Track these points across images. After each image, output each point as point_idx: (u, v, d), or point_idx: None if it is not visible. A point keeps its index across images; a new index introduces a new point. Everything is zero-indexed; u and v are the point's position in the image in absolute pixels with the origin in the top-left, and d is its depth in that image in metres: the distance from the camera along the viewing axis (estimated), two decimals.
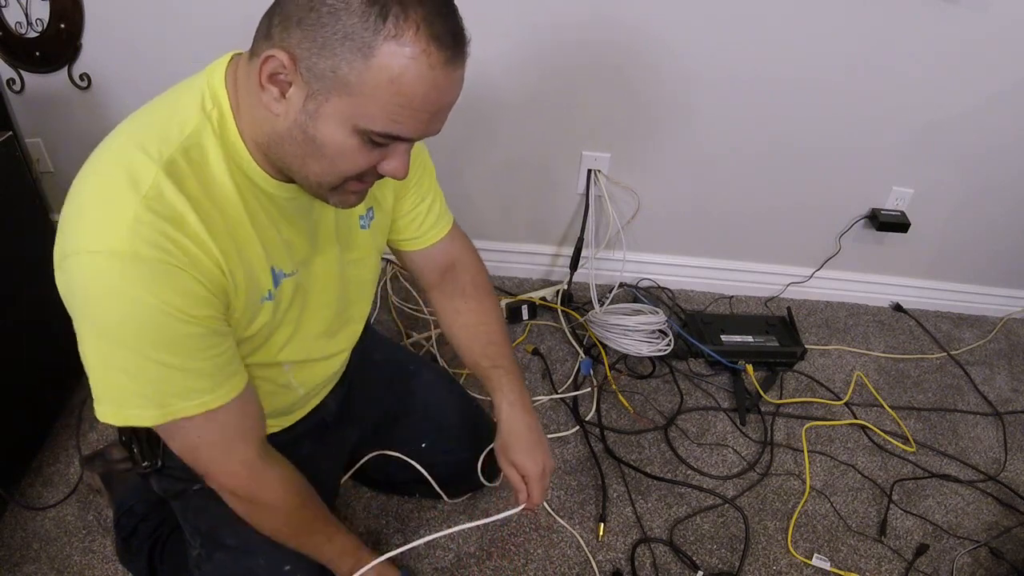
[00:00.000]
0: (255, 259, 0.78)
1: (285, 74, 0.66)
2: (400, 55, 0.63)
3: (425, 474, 1.21)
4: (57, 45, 1.59)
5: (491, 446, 1.23)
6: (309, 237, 0.86)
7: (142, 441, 0.95)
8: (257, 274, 0.78)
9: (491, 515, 1.07)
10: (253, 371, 0.91)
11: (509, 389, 1.04)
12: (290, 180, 0.77)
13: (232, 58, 0.75)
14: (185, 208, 0.69)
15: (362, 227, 0.95)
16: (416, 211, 1.03)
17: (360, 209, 0.94)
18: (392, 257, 1.22)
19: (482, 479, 1.25)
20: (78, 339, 0.72)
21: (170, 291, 0.68)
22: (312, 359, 0.96)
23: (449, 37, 0.66)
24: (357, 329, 1.04)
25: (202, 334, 0.72)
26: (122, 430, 1.00)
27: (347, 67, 0.63)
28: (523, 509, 1.03)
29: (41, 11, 1.55)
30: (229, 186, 0.74)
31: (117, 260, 0.65)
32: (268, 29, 0.67)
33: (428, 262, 1.09)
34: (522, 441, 1.02)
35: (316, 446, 1.08)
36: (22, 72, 1.63)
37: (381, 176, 0.75)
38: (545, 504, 1.38)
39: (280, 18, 0.66)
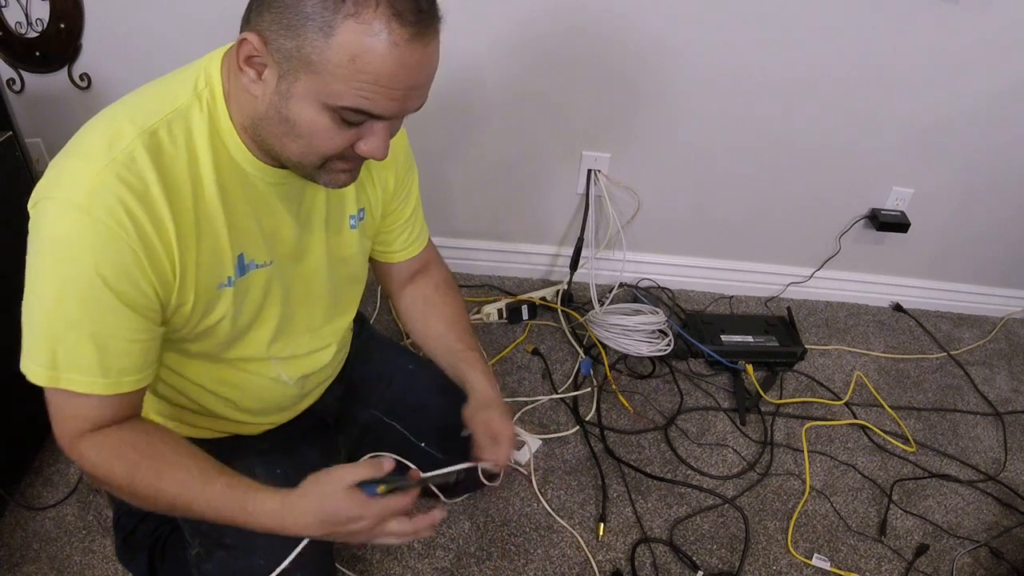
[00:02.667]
0: (218, 243, 0.78)
1: (259, 56, 0.68)
2: (360, 32, 0.63)
3: (423, 476, 1.21)
4: (57, 45, 1.59)
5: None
6: (297, 227, 0.86)
7: None
8: (218, 259, 0.79)
9: (475, 492, 1.05)
10: (244, 365, 0.92)
11: (483, 369, 1.05)
12: (281, 164, 0.78)
13: (230, 47, 0.76)
14: (152, 179, 0.70)
15: (351, 226, 0.95)
16: (404, 222, 1.05)
17: (352, 208, 0.94)
18: None
19: (483, 479, 1.25)
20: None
21: (107, 258, 0.69)
22: (299, 354, 0.97)
23: (412, 13, 0.65)
24: (343, 324, 1.04)
25: (121, 311, 0.73)
26: None
27: (310, 47, 0.65)
28: (490, 465, 1.00)
29: (41, 11, 1.55)
30: (207, 166, 0.74)
31: (70, 210, 0.68)
32: (248, 13, 0.69)
33: (403, 270, 1.11)
34: (498, 406, 1.03)
35: (315, 445, 1.08)
36: (22, 72, 1.63)
37: (363, 158, 0.75)
38: (545, 504, 1.38)
39: (256, 2, 0.68)
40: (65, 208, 0.68)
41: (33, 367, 0.75)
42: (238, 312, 0.84)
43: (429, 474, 0.86)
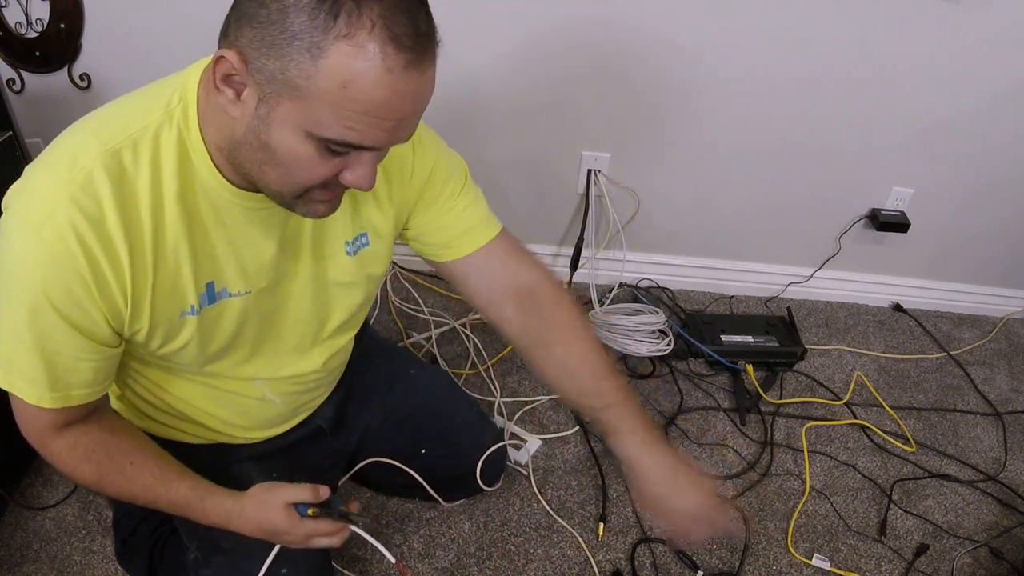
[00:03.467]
0: (180, 272, 0.74)
1: (238, 75, 0.62)
2: (353, 56, 0.57)
3: (423, 482, 1.21)
4: (57, 45, 1.59)
5: (491, 450, 1.23)
6: (279, 254, 0.82)
7: None
8: (180, 288, 0.75)
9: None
10: (224, 384, 0.91)
11: (630, 429, 0.88)
12: (259, 189, 0.73)
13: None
14: (109, 206, 0.67)
15: (347, 253, 0.89)
16: (460, 207, 0.95)
17: (347, 234, 0.87)
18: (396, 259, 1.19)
19: (481, 484, 1.25)
20: None
21: (52, 282, 0.68)
22: (283, 375, 0.94)
23: (410, 37, 0.59)
24: (337, 344, 0.99)
25: (66, 332, 0.71)
26: None
27: (295, 69, 0.59)
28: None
29: (41, 11, 1.55)
30: (172, 190, 0.70)
31: (24, 228, 0.67)
32: (226, 27, 0.63)
33: (481, 279, 0.96)
34: (662, 487, 0.86)
35: (313, 451, 1.08)
36: (22, 72, 1.63)
37: (346, 187, 0.70)
38: (545, 504, 1.38)
39: (236, 15, 0.62)
40: (19, 224, 0.67)
41: None
42: (206, 339, 0.81)
43: (356, 519, 0.94)
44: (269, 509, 0.87)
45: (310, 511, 0.88)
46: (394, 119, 0.62)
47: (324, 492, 0.89)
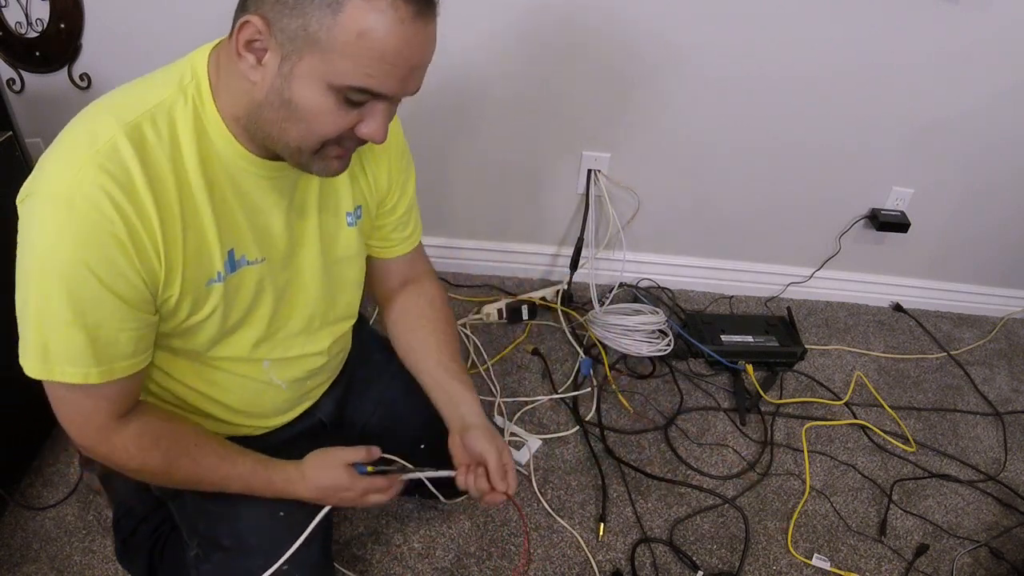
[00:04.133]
0: (206, 238, 0.78)
1: (261, 40, 0.68)
2: (367, 9, 0.64)
3: (425, 480, 1.21)
4: (57, 45, 1.59)
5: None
6: (289, 221, 0.86)
7: None
8: (206, 254, 0.78)
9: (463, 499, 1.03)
10: (232, 367, 0.92)
11: (476, 396, 1.04)
12: (274, 157, 0.78)
13: (218, 43, 0.77)
14: (137, 171, 0.70)
15: (349, 224, 0.95)
16: (399, 217, 1.03)
17: (348, 204, 0.93)
18: None
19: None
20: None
21: (91, 250, 0.69)
22: (291, 356, 0.96)
23: None
24: (341, 328, 1.04)
25: (108, 301, 0.72)
26: None
27: (316, 24, 0.65)
28: (497, 497, 0.97)
29: (41, 11, 1.55)
30: (192, 159, 0.74)
31: (51, 203, 0.68)
32: (243, 1, 0.69)
33: (396, 271, 1.09)
34: (496, 435, 1.00)
35: (314, 447, 1.08)
36: (22, 72, 1.63)
37: (362, 141, 0.75)
38: (545, 504, 1.38)
39: None
40: (48, 202, 0.68)
41: (28, 362, 0.75)
42: (228, 309, 0.84)
43: (413, 470, 1.01)
44: (330, 468, 0.94)
45: (369, 468, 0.96)
46: (405, 67, 0.69)
47: (375, 452, 0.98)
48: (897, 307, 2.04)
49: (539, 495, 1.40)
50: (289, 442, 1.05)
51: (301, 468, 0.94)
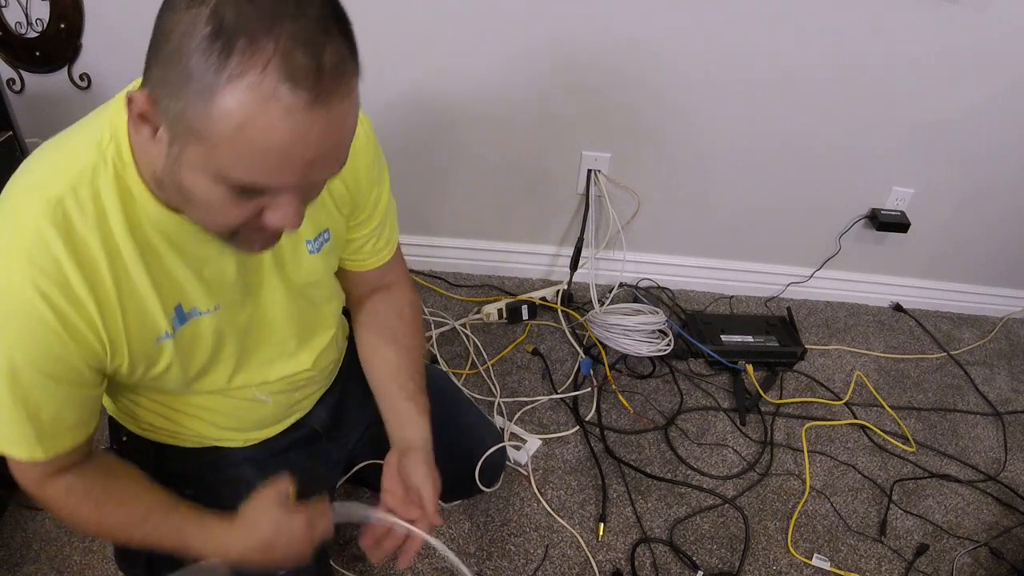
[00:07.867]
0: (145, 303, 0.73)
1: (149, 115, 0.60)
2: (245, 99, 0.53)
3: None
4: (57, 45, 1.59)
5: (491, 450, 1.23)
6: (241, 265, 0.80)
7: (129, 452, 0.95)
8: (149, 317, 0.74)
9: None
10: (213, 394, 0.90)
11: (428, 421, 1.00)
12: None
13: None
14: (64, 258, 0.66)
15: (310, 251, 0.88)
16: (371, 231, 0.98)
17: (308, 233, 0.86)
18: None
19: (480, 485, 1.25)
20: None
21: (26, 343, 0.67)
22: (271, 379, 0.94)
23: (310, 74, 0.54)
24: (322, 342, 0.99)
25: (48, 386, 0.71)
26: (111, 437, 1.00)
27: (192, 112, 0.55)
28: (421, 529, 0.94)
29: (41, 11, 1.55)
30: (120, 227, 0.68)
31: None
32: (147, 60, 0.60)
33: (368, 280, 1.04)
34: (433, 464, 0.96)
35: (309, 455, 1.07)
36: (22, 72, 1.63)
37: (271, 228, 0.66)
38: (545, 504, 1.38)
39: (150, 50, 0.58)
40: None
41: None
42: (186, 360, 0.81)
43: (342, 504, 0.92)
44: (258, 512, 0.84)
45: (291, 490, 0.85)
46: (302, 160, 0.58)
47: (286, 482, 0.87)
48: (897, 307, 2.04)
49: (539, 495, 1.40)
50: (283, 452, 1.05)
51: (231, 523, 0.85)
